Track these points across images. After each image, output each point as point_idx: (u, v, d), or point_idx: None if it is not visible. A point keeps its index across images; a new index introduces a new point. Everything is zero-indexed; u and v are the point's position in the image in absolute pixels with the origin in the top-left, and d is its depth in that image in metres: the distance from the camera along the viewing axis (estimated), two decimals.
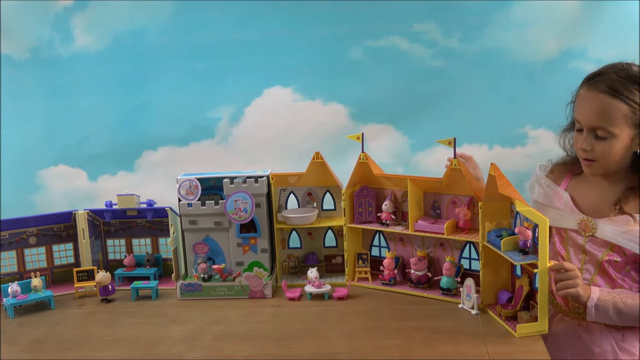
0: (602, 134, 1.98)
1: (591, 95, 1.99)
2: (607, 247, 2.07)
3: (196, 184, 2.42)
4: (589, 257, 2.11)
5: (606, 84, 1.96)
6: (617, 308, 1.97)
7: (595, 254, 2.09)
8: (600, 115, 1.97)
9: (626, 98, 1.94)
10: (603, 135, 1.98)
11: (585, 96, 2.01)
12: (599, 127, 1.97)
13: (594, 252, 2.09)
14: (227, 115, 3.18)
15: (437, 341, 1.96)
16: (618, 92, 1.94)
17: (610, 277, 2.08)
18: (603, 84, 1.97)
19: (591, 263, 2.11)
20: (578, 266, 2.10)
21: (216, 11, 3.12)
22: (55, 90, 3.20)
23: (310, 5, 3.07)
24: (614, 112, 1.95)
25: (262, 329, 2.12)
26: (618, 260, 2.06)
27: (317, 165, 2.44)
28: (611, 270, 2.08)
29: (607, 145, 1.98)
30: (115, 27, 3.15)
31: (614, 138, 1.97)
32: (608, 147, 1.99)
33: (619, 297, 1.98)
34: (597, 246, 2.09)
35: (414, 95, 3.10)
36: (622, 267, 2.07)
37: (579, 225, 2.10)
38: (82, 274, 2.44)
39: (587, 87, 2.01)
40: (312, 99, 3.12)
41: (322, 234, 2.57)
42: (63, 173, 3.25)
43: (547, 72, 3.01)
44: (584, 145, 2.02)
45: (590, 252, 2.10)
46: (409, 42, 3.08)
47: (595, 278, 2.10)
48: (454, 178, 2.24)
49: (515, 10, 3.03)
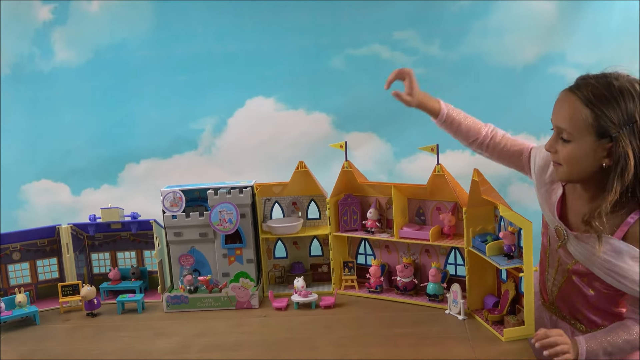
0: (566, 136, 1.92)
1: (565, 98, 1.96)
2: (574, 259, 2.03)
3: (180, 196, 2.41)
4: (557, 263, 2.08)
5: (582, 90, 1.93)
6: (607, 352, 1.93)
7: (564, 261, 2.06)
8: (566, 117, 1.92)
9: (594, 107, 1.88)
10: (566, 137, 1.92)
11: (560, 98, 1.99)
12: (563, 129, 1.94)
13: (563, 260, 2.07)
14: (210, 126, 3.18)
15: (425, 347, 1.97)
16: (589, 100, 1.89)
17: (577, 287, 2.05)
18: (580, 89, 1.93)
19: (560, 271, 2.08)
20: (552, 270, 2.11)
21: (197, 24, 3.13)
22: (36, 105, 3.20)
23: (291, 16, 3.09)
24: (578, 117, 1.89)
25: (250, 339, 2.11)
26: (584, 271, 2.01)
27: (301, 174, 2.44)
28: (577, 280, 2.04)
29: (569, 148, 1.93)
30: (96, 42, 3.16)
31: (575, 143, 1.91)
32: (569, 151, 1.93)
33: (606, 341, 1.93)
34: (565, 255, 2.06)
35: (395, 103, 3.08)
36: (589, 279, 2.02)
37: (554, 231, 2.07)
38: (67, 289, 2.42)
39: (566, 90, 1.99)
40: (294, 108, 3.14)
41: (308, 243, 2.57)
42: (46, 188, 3.24)
43: (526, 77, 3.05)
44: (547, 145, 2.00)
45: (560, 259, 2.08)
46: (389, 50, 3.11)
47: (563, 281, 2.08)
48: (438, 184, 2.25)
49: (493, 17, 3.06)
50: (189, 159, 3.20)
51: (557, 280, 2.11)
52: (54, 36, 3.14)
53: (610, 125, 1.86)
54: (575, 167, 1.94)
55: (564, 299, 2.10)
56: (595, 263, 1.94)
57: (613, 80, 1.90)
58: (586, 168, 1.93)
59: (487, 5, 3.05)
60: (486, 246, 2.03)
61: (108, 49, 3.15)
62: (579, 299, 2.07)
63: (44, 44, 3.14)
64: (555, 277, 2.11)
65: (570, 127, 1.91)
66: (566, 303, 2.10)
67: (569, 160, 1.94)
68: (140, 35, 3.14)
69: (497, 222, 2.13)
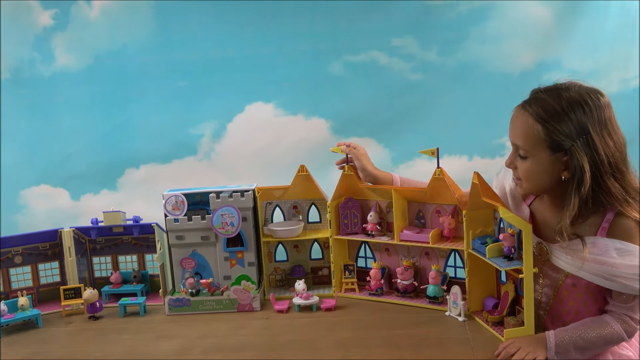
0: (522, 153, 1.98)
1: (518, 115, 1.99)
2: (563, 273, 2.03)
3: (182, 200, 2.43)
4: (547, 281, 2.08)
5: (533, 106, 1.95)
6: (578, 346, 1.91)
7: (554, 277, 2.06)
8: (520, 134, 1.97)
9: (545, 122, 1.91)
10: (523, 154, 1.98)
11: (514, 115, 2.01)
12: (519, 146, 1.98)
13: (552, 276, 2.07)
14: (209, 131, 3.19)
15: (426, 348, 1.99)
16: (539, 116, 1.92)
17: (568, 302, 2.06)
18: (530, 105, 1.96)
19: (549, 287, 2.08)
20: (537, 289, 2.09)
21: (197, 30, 3.15)
22: (36, 109, 3.20)
23: (290, 22, 3.11)
24: (531, 133, 1.93)
25: (252, 341, 2.12)
26: (576, 284, 2.02)
27: (302, 178, 2.46)
28: (570, 296, 2.05)
29: (526, 164, 1.98)
30: (96, 47, 3.17)
31: (531, 158, 1.96)
32: (527, 167, 1.98)
33: (578, 335, 1.92)
34: (552, 271, 2.06)
35: (394, 108, 3.15)
36: (582, 292, 2.03)
37: (535, 249, 2.06)
38: (69, 292, 2.43)
39: (519, 106, 2.01)
40: (293, 114, 3.15)
41: (309, 247, 2.59)
42: (45, 193, 3.24)
43: (523, 83, 3.05)
44: (507, 162, 2.05)
45: (548, 276, 2.07)
46: (387, 57, 3.13)
47: (552, 302, 2.09)
48: (438, 187, 2.27)
49: (490, 24, 3.09)
50: (188, 164, 3.21)
51: (543, 302, 2.11)
52: (55, 41, 3.15)
53: (563, 139, 1.90)
54: (535, 182, 2.00)
55: (553, 320, 2.11)
56: (585, 268, 1.95)
57: (563, 92, 1.93)
58: (545, 182, 1.99)
59: (484, 12, 3.08)
60: (486, 248, 2.05)
61: (108, 54, 3.16)
62: (571, 317, 2.06)
63: (45, 48, 3.15)
64: (542, 301, 2.11)
65: (525, 144, 1.96)
66: (555, 324, 2.09)
67: (528, 176, 1.99)
68: (140, 41, 3.15)
69: (497, 224, 2.15)
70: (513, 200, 2.19)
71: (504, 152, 3.07)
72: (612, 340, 1.96)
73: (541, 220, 2.13)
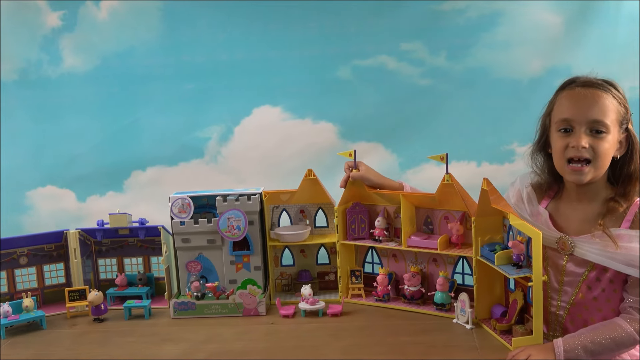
0: (603, 127, 1.97)
1: (580, 92, 2.01)
2: (587, 266, 2.04)
3: (189, 202, 2.42)
4: (569, 279, 2.08)
5: (590, 82, 2.01)
6: (587, 350, 1.90)
7: (575, 273, 2.07)
8: (596, 107, 1.97)
9: (619, 99, 2.00)
10: (600, 128, 1.97)
11: (572, 94, 2.03)
12: (597, 121, 1.97)
13: (575, 272, 2.07)
14: (216, 135, 3.19)
15: (433, 355, 1.97)
16: (604, 87, 1.99)
17: (591, 299, 2.06)
18: (587, 83, 2.02)
19: (570, 285, 2.08)
20: (556, 287, 2.11)
21: (204, 33, 3.15)
22: (43, 111, 3.20)
23: (298, 26, 3.11)
24: (608, 105, 1.98)
25: (257, 346, 2.11)
26: (600, 278, 2.03)
27: (310, 182, 2.44)
28: (593, 291, 2.05)
29: (606, 140, 1.98)
30: (104, 49, 3.16)
31: (609, 134, 1.98)
32: (607, 142, 1.99)
33: (586, 339, 1.91)
34: (576, 266, 2.07)
35: (402, 113, 3.13)
36: (606, 285, 2.04)
37: (557, 244, 2.08)
38: (74, 294, 2.42)
39: (572, 87, 2.04)
40: (301, 117, 3.14)
41: (315, 251, 2.57)
42: (51, 194, 3.23)
43: (532, 90, 3.06)
44: (582, 143, 1.97)
45: (570, 273, 2.08)
46: (396, 62, 3.12)
47: (572, 300, 2.08)
48: (446, 194, 2.26)
49: (500, 30, 3.07)
50: (195, 166, 3.20)
51: (563, 301, 2.11)
52: (62, 43, 3.14)
53: (628, 116, 2.03)
54: (606, 160, 2.02)
55: (573, 320, 2.10)
56: (614, 257, 1.96)
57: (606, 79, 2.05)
58: (609, 161, 2.03)
59: (494, 18, 3.07)
60: (495, 255, 2.04)
61: (115, 56, 3.16)
62: (593, 313, 2.07)
63: (52, 50, 3.14)
64: (561, 299, 2.11)
65: (607, 118, 1.98)
66: (576, 323, 2.09)
67: (604, 153, 2.00)
68: (148, 43, 3.15)
69: (506, 231, 2.13)
70: (530, 205, 2.19)
71: (513, 158, 3.05)
72: (624, 342, 1.94)
73: (563, 217, 2.13)
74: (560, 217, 2.14)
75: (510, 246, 2.03)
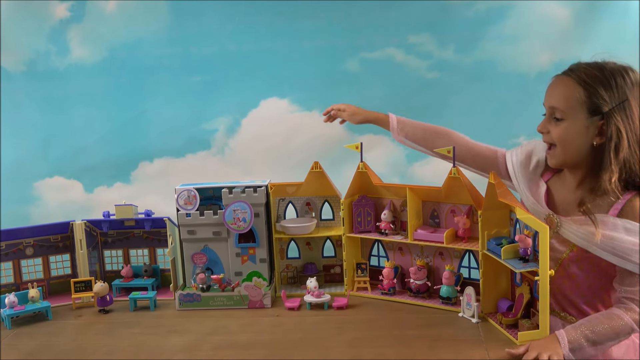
0: (559, 115, 2.02)
1: (558, 80, 2.06)
2: (569, 245, 2.06)
3: (195, 194, 2.41)
4: (551, 254, 2.05)
5: (576, 72, 2.02)
6: (589, 340, 1.91)
7: (558, 250, 2.09)
8: (559, 96, 2.02)
9: (587, 85, 1.97)
10: (560, 116, 2.02)
11: (554, 81, 2.08)
12: (556, 108, 2.02)
13: (558, 249, 2.09)
14: (223, 126, 3.19)
15: (439, 349, 1.96)
16: (582, 80, 1.99)
17: (570, 273, 2.09)
18: (573, 72, 2.03)
19: (553, 260, 2.09)
20: None
21: (212, 24, 3.14)
22: (50, 102, 3.21)
23: (306, 18, 3.10)
24: (572, 95, 1.99)
25: (262, 338, 2.11)
26: (580, 258, 2.05)
27: (316, 175, 2.44)
28: (573, 267, 2.08)
29: (562, 127, 2.02)
30: (112, 40, 3.17)
31: (568, 121, 2.00)
32: (563, 129, 2.02)
33: (587, 329, 1.92)
34: (559, 243, 2.09)
35: (409, 106, 3.11)
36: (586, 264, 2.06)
37: (545, 221, 2.08)
38: (80, 285, 2.42)
39: (559, 74, 2.08)
40: (308, 110, 3.14)
41: (321, 244, 2.56)
42: (58, 185, 3.25)
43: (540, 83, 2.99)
44: (540, 126, 2.09)
45: (553, 248, 2.08)
46: (404, 54, 3.12)
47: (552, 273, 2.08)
48: (453, 187, 2.25)
49: (508, 23, 3.06)
50: (202, 158, 3.21)
51: None
52: (70, 34, 3.15)
53: (602, 103, 1.96)
54: (569, 147, 2.03)
55: (554, 293, 2.10)
56: (596, 243, 1.97)
57: (604, 64, 2.02)
58: (579, 147, 2.02)
59: (502, 11, 3.06)
60: (501, 249, 2.03)
61: (123, 47, 3.17)
62: (572, 290, 2.11)
63: (60, 41, 3.16)
64: None
65: (564, 105, 2.00)
66: (556, 296, 2.12)
67: (562, 139, 2.03)
68: (156, 35, 3.15)
69: (513, 225, 2.12)
70: (534, 173, 2.22)
71: None
72: (622, 331, 1.96)
73: (557, 196, 2.16)
74: (555, 194, 2.16)
75: (516, 240, 2.02)
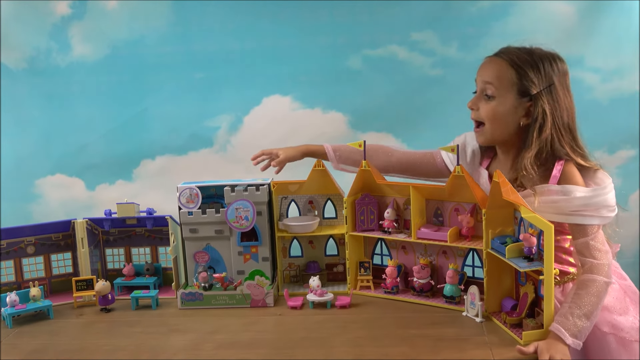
0: (490, 92, 2.13)
1: (491, 60, 2.17)
2: None
3: (197, 192, 2.40)
4: None
5: (508, 55, 2.13)
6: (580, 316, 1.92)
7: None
8: (492, 74, 2.13)
9: (518, 67, 2.09)
10: (491, 93, 2.13)
11: (486, 61, 2.19)
12: (488, 85, 2.13)
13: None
14: (226, 124, 3.18)
15: (442, 349, 1.95)
16: (513, 62, 2.10)
17: None
18: (505, 54, 2.14)
19: None
20: None
21: (215, 21, 3.13)
22: (52, 99, 3.20)
23: (309, 15, 3.09)
24: (504, 75, 2.11)
25: (265, 337, 2.10)
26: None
27: (319, 173, 2.42)
28: None
29: (492, 104, 2.13)
30: (113, 37, 3.16)
31: (498, 99, 2.12)
32: (493, 107, 2.13)
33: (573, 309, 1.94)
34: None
35: (412, 103, 3.12)
36: None
37: None
38: (81, 284, 2.41)
39: (491, 56, 2.19)
40: (311, 107, 3.13)
41: (324, 243, 2.55)
42: (60, 182, 3.24)
43: None
44: (470, 103, 2.19)
45: None
46: (407, 51, 3.10)
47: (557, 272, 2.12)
48: (457, 185, 2.23)
49: (512, 20, 3.05)
50: (204, 156, 3.20)
51: None
52: (72, 31, 3.14)
53: (531, 85, 2.09)
54: (497, 124, 2.15)
55: None
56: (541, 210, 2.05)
57: (533, 49, 2.15)
58: (507, 126, 2.15)
59: (506, 8, 3.04)
60: (506, 248, 2.01)
61: (125, 44, 3.15)
62: None
63: (62, 38, 3.14)
64: None
65: (496, 83, 2.12)
66: None
67: (492, 116, 2.15)
68: (158, 32, 3.14)
69: (517, 224, 2.11)
70: (472, 164, 2.34)
71: None
72: (601, 291, 2.00)
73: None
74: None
75: (521, 239, 2.01)
